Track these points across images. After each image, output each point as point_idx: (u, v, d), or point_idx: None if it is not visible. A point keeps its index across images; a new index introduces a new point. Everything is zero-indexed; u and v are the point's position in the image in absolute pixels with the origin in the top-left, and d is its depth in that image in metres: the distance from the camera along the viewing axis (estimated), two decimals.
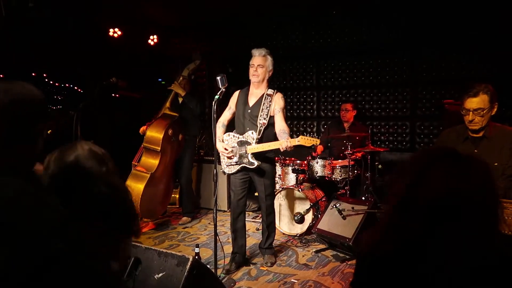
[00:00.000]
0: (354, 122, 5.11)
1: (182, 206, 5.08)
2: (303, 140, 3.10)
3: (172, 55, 6.68)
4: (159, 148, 4.43)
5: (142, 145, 4.58)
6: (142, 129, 4.66)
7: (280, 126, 3.31)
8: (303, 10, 5.56)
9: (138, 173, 4.45)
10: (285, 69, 6.30)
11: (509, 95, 4.67)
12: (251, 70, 3.34)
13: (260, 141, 3.28)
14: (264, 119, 3.30)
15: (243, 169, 3.36)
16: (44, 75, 5.40)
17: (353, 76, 5.81)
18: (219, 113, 3.45)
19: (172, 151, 4.65)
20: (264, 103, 3.33)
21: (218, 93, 3.02)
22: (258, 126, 3.30)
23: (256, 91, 3.42)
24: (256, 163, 3.25)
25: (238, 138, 3.36)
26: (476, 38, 4.84)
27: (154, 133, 4.47)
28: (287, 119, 3.38)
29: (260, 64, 3.31)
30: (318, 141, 3.11)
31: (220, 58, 6.34)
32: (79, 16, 5.21)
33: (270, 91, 3.40)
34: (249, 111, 3.37)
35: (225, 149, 3.32)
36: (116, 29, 5.72)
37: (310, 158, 4.63)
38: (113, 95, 6.09)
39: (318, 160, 4.55)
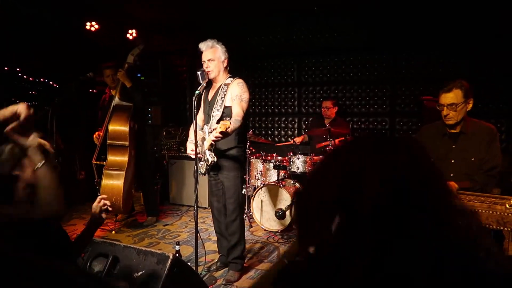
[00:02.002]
0: (335, 118, 5.14)
1: (149, 205, 4.80)
2: (222, 126, 2.59)
3: (152, 50, 6.58)
4: (127, 143, 4.23)
5: (101, 143, 4.31)
6: (95, 137, 4.46)
7: (233, 113, 2.96)
8: (285, 7, 5.55)
9: (111, 172, 4.23)
10: (266, 65, 6.28)
11: (486, 92, 4.80)
12: (204, 67, 3.07)
13: None
14: (218, 110, 3.03)
15: (211, 168, 3.11)
16: (18, 69, 5.21)
17: (333, 73, 5.85)
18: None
19: (134, 142, 4.43)
20: (219, 94, 3.07)
21: (198, 88, 2.97)
22: (212, 119, 3.06)
23: (215, 85, 3.18)
24: (210, 159, 2.97)
25: (201, 134, 3.15)
26: (453, 38, 4.94)
27: (118, 128, 4.21)
28: (268, 114, 3.21)
29: (210, 59, 3.05)
30: (228, 124, 2.59)
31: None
32: (54, 8, 5.05)
33: (228, 80, 3.10)
34: (208, 105, 3.17)
35: (192, 150, 3.10)
36: (93, 23, 5.59)
37: (291, 154, 4.64)
38: (90, 90, 5.94)
39: (299, 156, 4.56)
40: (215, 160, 3.01)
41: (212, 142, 2.88)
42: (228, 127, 2.59)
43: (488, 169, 2.58)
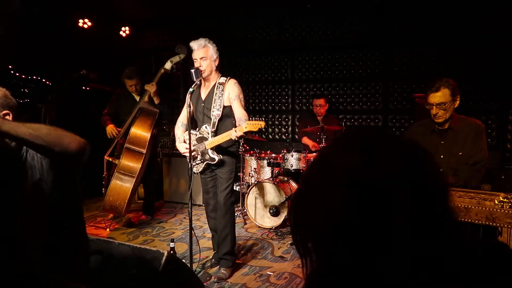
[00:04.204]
0: (326, 115, 5.17)
1: (148, 203, 4.78)
2: (250, 126, 2.79)
3: (145, 47, 6.56)
4: (145, 151, 4.09)
5: (123, 144, 4.20)
6: (110, 130, 4.36)
7: (237, 114, 3.05)
8: (278, 4, 5.57)
9: (122, 176, 4.13)
10: (260, 63, 6.29)
11: (477, 90, 4.86)
12: (195, 65, 3.07)
13: (215, 134, 3.11)
14: (218, 110, 3.08)
15: (208, 166, 3.22)
16: (10, 66, 5.17)
17: (327, 70, 5.88)
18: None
19: (151, 148, 4.38)
20: (216, 93, 3.10)
21: (192, 86, 2.98)
22: (212, 118, 3.10)
23: (207, 83, 3.20)
24: (216, 158, 3.10)
25: (197, 135, 3.18)
26: (446, 36, 4.99)
27: (140, 133, 4.08)
28: (262, 112, 3.25)
29: (202, 57, 3.05)
30: (263, 123, 2.82)
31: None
32: (46, 4, 5.02)
33: (222, 80, 3.14)
34: (202, 104, 3.18)
35: (187, 148, 3.12)
36: (86, 20, 5.56)
37: (285, 151, 4.66)
38: (83, 87, 5.91)
39: (293, 153, 4.58)
40: (221, 157, 3.11)
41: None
42: (262, 127, 2.81)
43: (473, 163, 2.65)
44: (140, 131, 4.10)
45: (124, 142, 4.22)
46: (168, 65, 4.09)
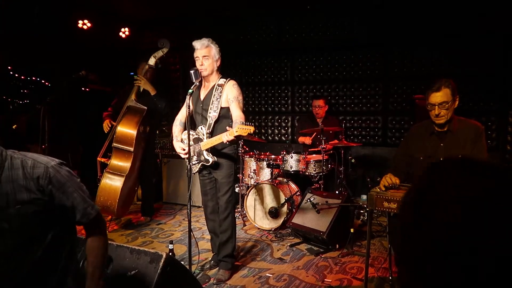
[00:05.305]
0: (326, 116, 5.15)
1: (146, 204, 4.76)
2: (240, 130, 2.75)
3: (145, 47, 6.55)
4: (133, 149, 4.06)
5: (111, 144, 4.17)
6: (105, 125, 4.35)
7: (235, 116, 3.02)
8: (278, 5, 5.56)
9: (111, 176, 4.11)
10: (260, 64, 6.29)
11: (476, 91, 4.85)
12: (197, 64, 3.06)
13: (211, 135, 3.07)
14: (215, 111, 3.06)
15: (204, 167, 3.18)
16: (9, 67, 5.16)
17: (327, 71, 5.87)
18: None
19: (141, 147, 4.34)
20: (214, 95, 3.08)
21: (191, 87, 2.97)
22: (208, 120, 3.08)
23: (207, 84, 3.18)
24: (211, 159, 3.07)
25: (193, 135, 3.15)
26: (445, 36, 4.98)
27: (126, 131, 4.05)
28: (262, 113, 3.24)
29: (205, 55, 3.04)
30: (253, 128, 2.76)
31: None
32: (45, 5, 5.01)
33: (221, 81, 3.12)
34: (201, 105, 3.16)
35: (183, 149, 3.14)
36: (86, 21, 5.55)
37: (284, 153, 4.65)
38: (83, 89, 5.90)
39: (292, 154, 4.57)
40: (216, 159, 3.08)
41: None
42: (251, 132, 2.73)
43: None
44: (126, 129, 4.06)
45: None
46: (152, 61, 4.07)
